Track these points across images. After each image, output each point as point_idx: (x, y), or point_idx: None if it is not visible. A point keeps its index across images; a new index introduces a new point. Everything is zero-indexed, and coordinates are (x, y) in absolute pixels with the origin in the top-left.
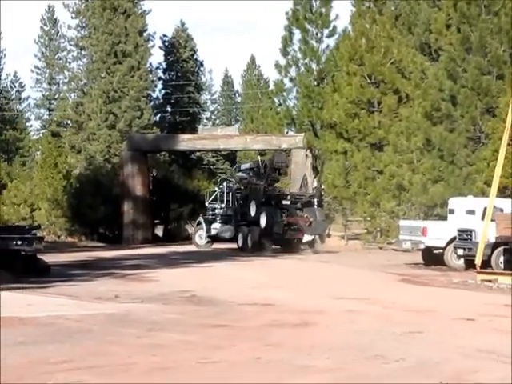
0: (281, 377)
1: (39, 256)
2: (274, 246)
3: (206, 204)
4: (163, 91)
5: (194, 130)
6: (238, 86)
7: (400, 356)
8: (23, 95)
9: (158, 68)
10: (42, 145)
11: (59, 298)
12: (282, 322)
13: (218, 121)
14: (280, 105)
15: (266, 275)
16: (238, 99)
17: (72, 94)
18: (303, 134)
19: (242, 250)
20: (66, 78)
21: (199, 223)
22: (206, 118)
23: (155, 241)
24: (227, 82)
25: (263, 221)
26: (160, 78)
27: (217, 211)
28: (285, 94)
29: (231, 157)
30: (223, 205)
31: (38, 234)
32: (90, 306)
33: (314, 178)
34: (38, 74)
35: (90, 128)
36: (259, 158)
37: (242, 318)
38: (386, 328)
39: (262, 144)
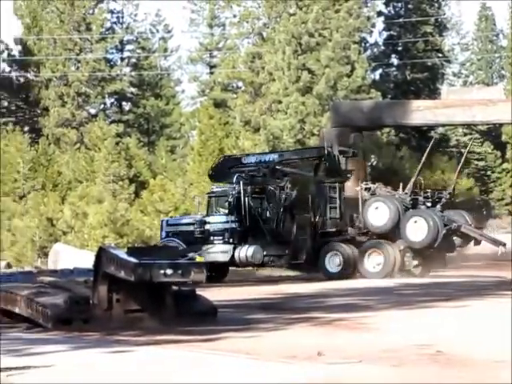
0: None
1: (199, 292)
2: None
3: (184, 219)
4: (385, 33)
5: (434, 94)
6: (502, 21)
7: None
8: (170, 44)
9: None
10: (199, 120)
11: (233, 356)
12: None
13: (471, 78)
14: None
15: None
16: (503, 43)
17: (245, 41)
18: None
19: (331, 277)
20: (234, 15)
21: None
22: (454, 74)
23: None
24: (485, 16)
25: (412, 230)
26: (380, 13)
27: (214, 226)
28: None
29: (494, 134)
30: (233, 216)
31: (198, 258)
32: (279, 368)
33: None
34: (192, 11)
35: (274, 93)
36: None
37: None
38: None
39: None
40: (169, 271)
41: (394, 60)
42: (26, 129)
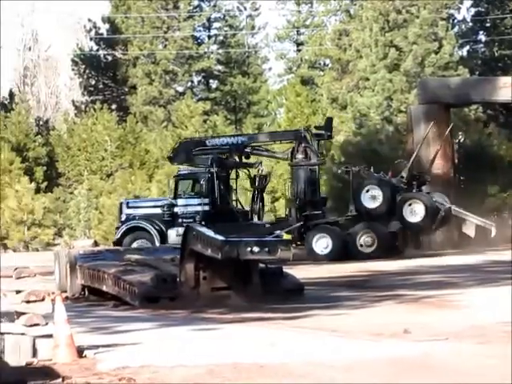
0: None
1: (286, 270)
2: None
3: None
4: (473, 10)
5: None
6: None
7: None
8: (258, 22)
9: None
10: (286, 98)
11: (318, 333)
12: None
13: None
14: None
15: None
16: None
17: (332, 19)
18: None
19: (317, 259)
20: None
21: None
22: None
23: (462, 242)
24: None
25: (409, 213)
26: None
27: (183, 209)
28: None
29: None
30: (206, 199)
31: (285, 236)
32: (364, 346)
33: None
34: None
35: (361, 70)
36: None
37: None
38: None
39: None
40: (256, 249)
41: (482, 36)
42: (114, 107)
